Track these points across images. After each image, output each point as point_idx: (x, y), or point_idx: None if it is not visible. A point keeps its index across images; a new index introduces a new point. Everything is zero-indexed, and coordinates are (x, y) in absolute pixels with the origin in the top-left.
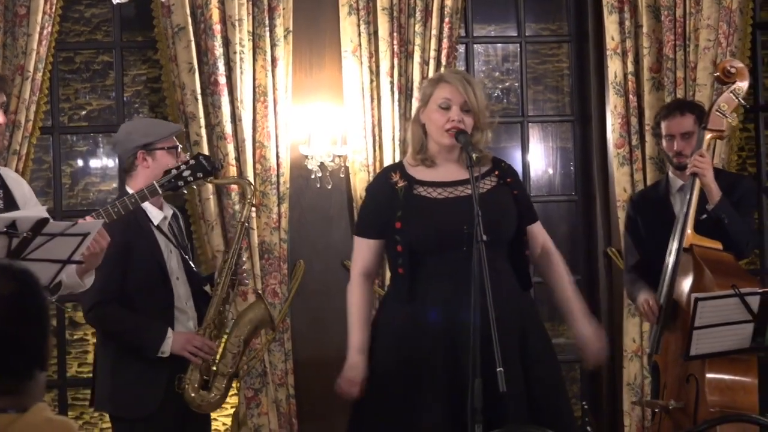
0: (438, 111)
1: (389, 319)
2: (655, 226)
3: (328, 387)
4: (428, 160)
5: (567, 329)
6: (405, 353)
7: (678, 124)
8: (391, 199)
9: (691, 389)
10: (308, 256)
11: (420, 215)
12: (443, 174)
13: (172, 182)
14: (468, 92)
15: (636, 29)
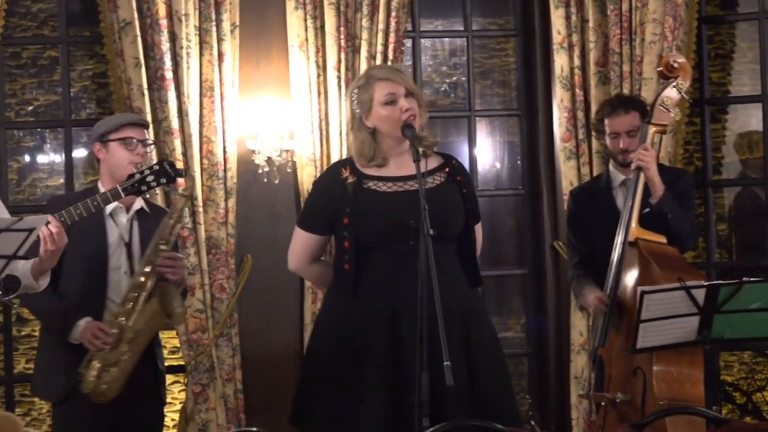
0: (387, 108)
1: (332, 315)
2: (596, 220)
3: (275, 381)
4: (381, 159)
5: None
6: (348, 348)
7: (623, 122)
8: (340, 196)
9: (638, 382)
10: (256, 251)
11: (369, 210)
12: (394, 168)
13: (135, 186)
14: (404, 79)
15: (582, 23)
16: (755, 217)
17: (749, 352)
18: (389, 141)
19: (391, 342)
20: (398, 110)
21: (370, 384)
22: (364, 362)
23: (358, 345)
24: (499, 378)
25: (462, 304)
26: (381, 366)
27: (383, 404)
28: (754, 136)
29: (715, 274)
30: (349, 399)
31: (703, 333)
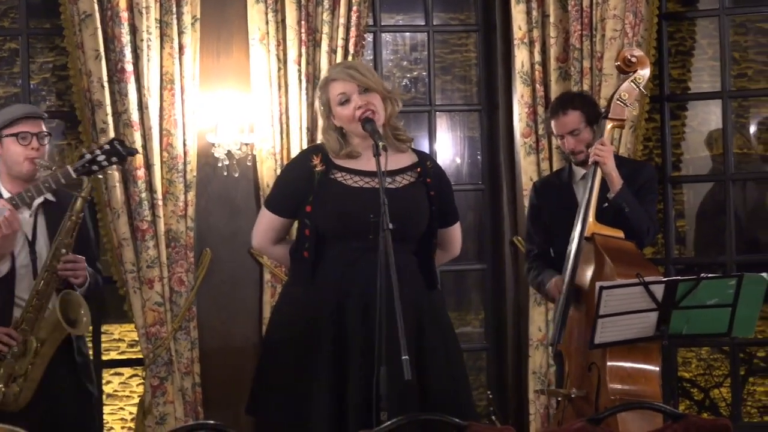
0: (342, 108)
1: (288, 304)
2: (558, 213)
3: (234, 375)
4: (352, 153)
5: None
6: (301, 338)
7: (563, 124)
8: (306, 183)
9: (593, 377)
10: (215, 245)
11: (330, 201)
12: (365, 163)
13: (86, 167)
14: (355, 76)
15: (543, 19)
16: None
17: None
18: (356, 139)
19: (337, 335)
20: (351, 109)
21: (318, 375)
22: (314, 353)
23: (309, 335)
24: (454, 374)
25: (416, 304)
26: (327, 358)
27: (329, 396)
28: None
29: (673, 270)
30: (300, 389)
31: (661, 328)
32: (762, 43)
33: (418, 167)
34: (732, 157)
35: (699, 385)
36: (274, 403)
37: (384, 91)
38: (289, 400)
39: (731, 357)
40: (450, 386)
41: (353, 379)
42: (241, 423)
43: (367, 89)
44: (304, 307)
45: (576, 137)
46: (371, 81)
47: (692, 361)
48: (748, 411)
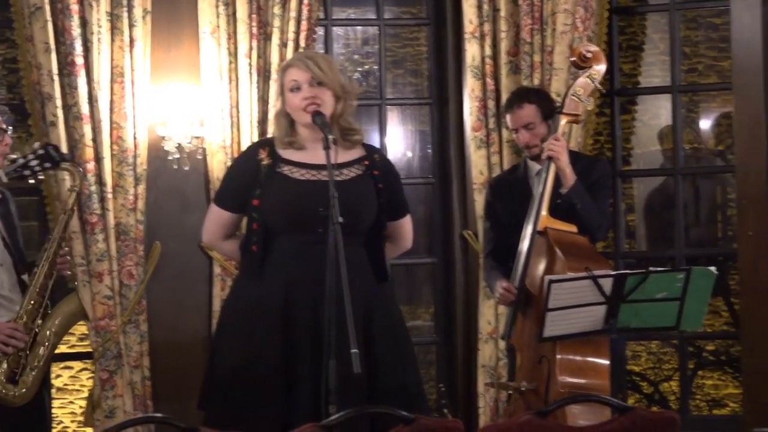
0: (292, 95)
1: (237, 298)
2: (513, 210)
3: (183, 369)
4: (296, 144)
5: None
6: (251, 331)
7: (518, 118)
8: (253, 176)
9: (543, 370)
10: (165, 238)
11: (278, 194)
12: (311, 156)
13: (18, 171)
14: (311, 67)
15: (494, 13)
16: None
17: (657, 342)
18: (303, 129)
19: (284, 329)
20: (299, 98)
21: (267, 370)
22: (262, 346)
23: (258, 329)
24: (404, 367)
25: (366, 297)
26: (277, 351)
27: (278, 390)
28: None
29: (623, 264)
30: (249, 383)
31: (609, 322)
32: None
33: (366, 160)
34: (682, 151)
35: (649, 379)
36: (224, 398)
37: (338, 88)
38: (238, 395)
39: (680, 351)
40: (400, 379)
41: (302, 372)
42: (190, 416)
43: (320, 83)
44: (252, 301)
45: (531, 131)
46: (326, 76)
47: (642, 354)
48: (698, 404)
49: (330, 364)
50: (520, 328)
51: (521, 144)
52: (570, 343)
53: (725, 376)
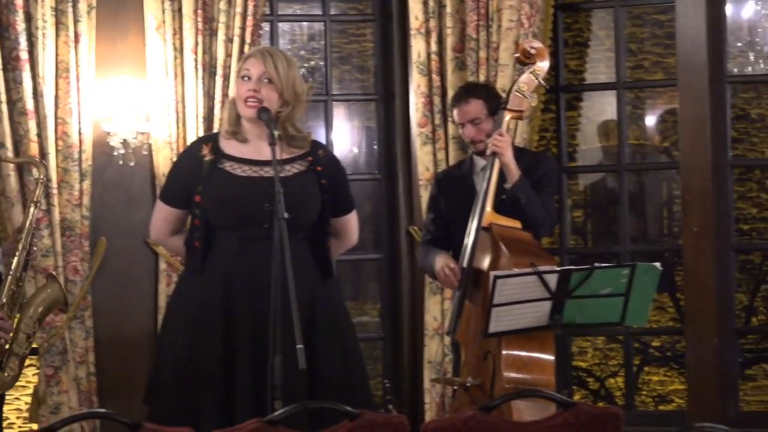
0: (240, 82)
1: (182, 294)
2: (458, 205)
3: (128, 364)
4: (239, 135)
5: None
6: (195, 327)
7: (465, 113)
8: (195, 172)
9: (488, 366)
10: (110, 234)
11: (218, 190)
12: (253, 152)
13: None
14: (267, 63)
15: (440, 9)
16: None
17: (603, 338)
18: (245, 122)
19: (225, 324)
20: (244, 88)
21: (209, 365)
22: (205, 342)
23: (201, 324)
24: (348, 364)
25: (309, 292)
26: (216, 347)
27: (219, 386)
28: (610, 123)
29: (568, 260)
30: (192, 379)
31: (554, 318)
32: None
33: (310, 156)
34: (627, 147)
35: (595, 375)
36: (168, 393)
37: (288, 91)
38: (181, 390)
39: (625, 346)
40: (344, 375)
41: (243, 368)
42: (135, 412)
43: (270, 80)
44: (195, 296)
45: (477, 126)
46: (277, 76)
47: (588, 350)
48: (643, 400)
49: (276, 359)
50: (464, 324)
51: (467, 139)
52: (515, 338)
53: (671, 372)
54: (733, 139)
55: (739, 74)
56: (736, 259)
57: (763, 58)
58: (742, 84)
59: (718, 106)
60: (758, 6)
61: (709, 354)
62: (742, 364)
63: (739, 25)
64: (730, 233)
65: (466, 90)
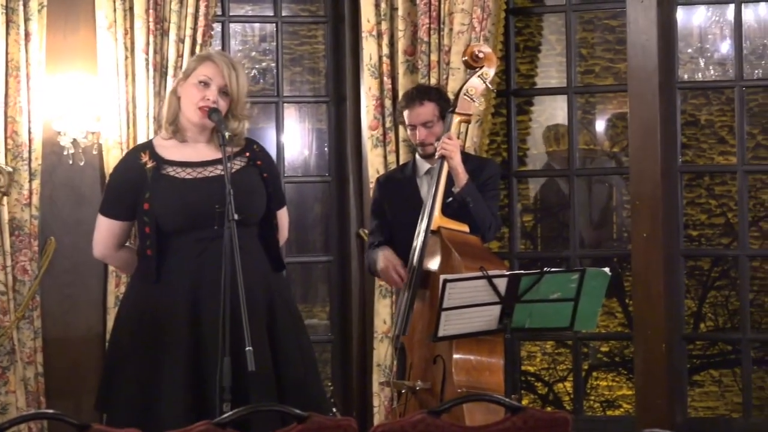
0: (196, 87)
1: (135, 300)
2: (401, 208)
3: (77, 365)
4: (179, 134)
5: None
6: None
7: (417, 115)
8: (139, 181)
9: (438, 370)
10: (59, 233)
11: (168, 196)
12: (193, 154)
13: None
14: (231, 77)
15: (391, 12)
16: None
17: (552, 343)
18: (186, 122)
19: (192, 327)
20: (202, 95)
21: (171, 371)
22: (165, 348)
23: (160, 331)
24: (305, 363)
25: (267, 288)
26: (182, 352)
27: (184, 391)
28: (560, 128)
29: (518, 264)
30: (151, 386)
31: (503, 322)
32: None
33: (247, 152)
34: (577, 152)
35: (543, 379)
36: (124, 401)
37: (238, 106)
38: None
39: (574, 351)
40: (302, 374)
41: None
42: (84, 412)
43: (226, 93)
44: (152, 303)
45: (428, 129)
46: (236, 92)
47: (537, 355)
48: (591, 405)
49: (225, 361)
50: (412, 327)
51: (416, 141)
52: (466, 342)
53: (619, 377)
54: (683, 144)
55: (690, 80)
56: (685, 264)
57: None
58: (692, 90)
59: (668, 112)
60: (709, 12)
61: (658, 359)
62: (690, 370)
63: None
64: (679, 239)
65: (418, 92)
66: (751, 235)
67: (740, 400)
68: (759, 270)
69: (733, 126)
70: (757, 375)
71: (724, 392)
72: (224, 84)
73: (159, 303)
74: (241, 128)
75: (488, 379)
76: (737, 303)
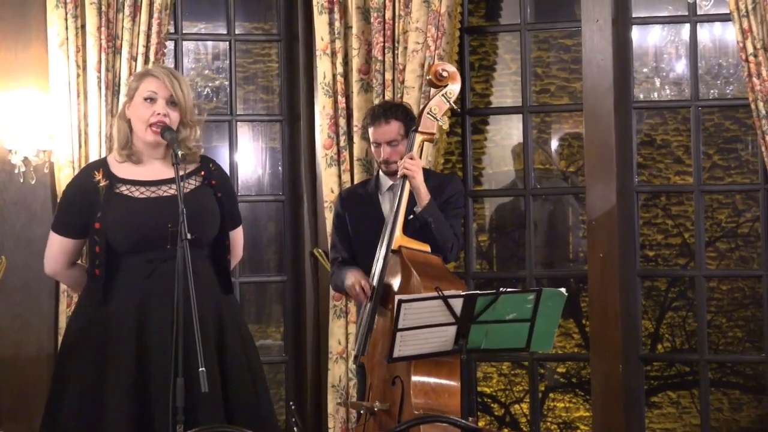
0: (143, 104)
1: (82, 322)
2: (363, 224)
3: (27, 386)
4: (134, 156)
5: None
6: (98, 354)
7: (383, 133)
8: (92, 199)
9: (397, 391)
10: (10, 251)
11: (121, 215)
12: (148, 173)
13: None
14: (174, 86)
15: (346, 30)
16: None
17: (508, 364)
18: (139, 142)
19: (138, 349)
20: (151, 111)
21: (116, 393)
22: (112, 369)
23: (107, 352)
24: (255, 385)
25: (217, 310)
26: (127, 374)
27: (129, 414)
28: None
29: (474, 284)
30: (95, 407)
31: (459, 343)
32: (564, 59)
33: (203, 170)
34: (532, 172)
35: (500, 401)
36: (69, 424)
37: (188, 113)
38: (83, 421)
39: (530, 372)
40: (252, 396)
41: (157, 393)
42: None
43: (174, 103)
44: (99, 324)
45: (393, 147)
46: (183, 100)
47: (493, 376)
48: (549, 426)
49: (178, 382)
50: (372, 347)
51: (380, 159)
52: (425, 364)
53: (576, 398)
54: (639, 164)
55: (646, 100)
56: (642, 285)
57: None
58: (648, 110)
59: (624, 132)
60: (664, 32)
61: (615, 381)
62: (647, 391)
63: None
64: (636, 259)
65: (384, 110)
66: (708, 255)
67: (698, 422)
68: (716, 291)
69: (689, 146)
70: (715, 396)
71: (682, 414)
72: (170, 95)
73: (106, 324)
74: (194, 135)
75: (447, 402)
76: (695, 324)
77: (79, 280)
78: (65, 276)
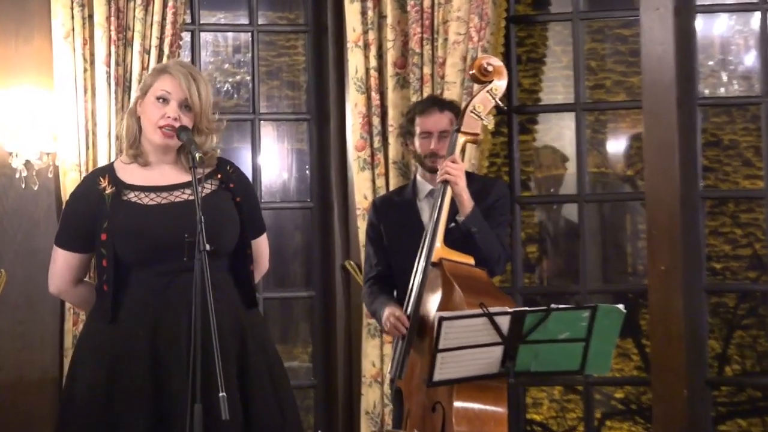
0: (155, 104)
1: (91, 340)
2: (400, 233)
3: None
4: (141, 158)
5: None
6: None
7: (435, 121)
8: (97, 208)
9: (437, 418)
10: (11, 264)
11: (129, 224)
12: (158, 177)
13: None
14: (191, 89)
15: (380, 20)
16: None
17: (560, 388)
18: (147, 144)
19: (153, 373)
20: (161, 112)
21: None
22: (125, 392)
23: (118, 378)
24: (282, 411)
25: (239, 329)
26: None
27: None
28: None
29: (522, 300)
30: None
31: (506, 365)
32: (621, 51)
33: (219, 173)
34: (586, 176)
35: (551, 429)
36: None
37: (203, 121)
38: None
39: (585, 397)
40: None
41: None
42: None
43: (188, 107)
44: (109, 346)
45: (443, 140)
46: (199, 105)
47: (544, 402)
48: None
49: (196, 408)
50: (409, 371)
51: (427, 150)
52: (468, 389)
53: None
54: (704, 167)
55: (711, 96)
56: (708, 301)
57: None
58: (714, 107)
59: (688, 131)
60: (731, 21)
61: (678, 407)
62: (714, 419)
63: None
64: (701, 272)
65: (440, 100)
66: None
67: None
68: None
69: (759, 146)
70: None
71: None
72: (185, 97)
73: (117, 346)
74: (209, 144)
75: (492, 430)
76: (767, 344)
77: (87, 299)
78: (71, 295)
